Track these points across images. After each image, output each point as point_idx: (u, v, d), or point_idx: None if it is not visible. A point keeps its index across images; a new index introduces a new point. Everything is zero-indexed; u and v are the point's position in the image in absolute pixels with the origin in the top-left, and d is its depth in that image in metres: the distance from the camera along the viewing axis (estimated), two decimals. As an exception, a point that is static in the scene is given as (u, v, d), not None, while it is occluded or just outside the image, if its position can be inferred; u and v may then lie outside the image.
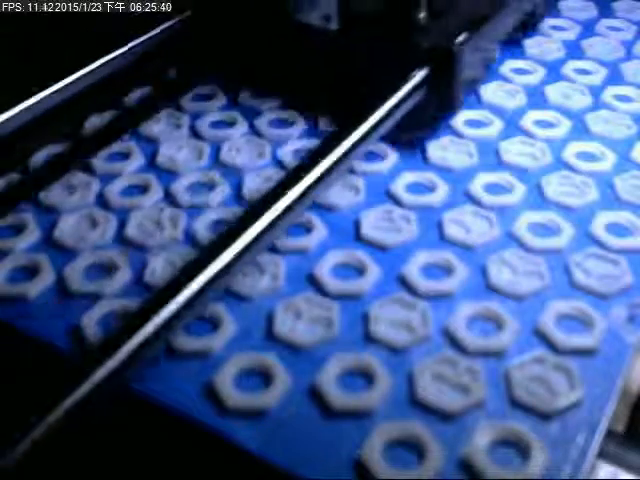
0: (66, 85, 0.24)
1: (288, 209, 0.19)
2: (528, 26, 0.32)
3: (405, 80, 0.23)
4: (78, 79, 0.24)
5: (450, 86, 0.24)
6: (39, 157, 0.25)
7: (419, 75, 0.24)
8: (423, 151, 0.25)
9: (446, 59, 0.24)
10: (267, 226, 0.18)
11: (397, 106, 0.23)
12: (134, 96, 0.28)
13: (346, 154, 0.21)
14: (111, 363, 0.15)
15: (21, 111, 0.22)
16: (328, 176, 0.20)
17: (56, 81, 0.24)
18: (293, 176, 0.20)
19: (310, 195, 0.20)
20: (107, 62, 0.25)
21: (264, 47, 0.27)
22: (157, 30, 0.27)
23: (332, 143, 0.21)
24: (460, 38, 0.24)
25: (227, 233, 0.18)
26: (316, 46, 0.26)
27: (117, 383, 0.15)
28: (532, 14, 0.31)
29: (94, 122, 0.27)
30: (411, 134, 0.25)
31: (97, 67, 0.25)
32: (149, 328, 0.16)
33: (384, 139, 0.24)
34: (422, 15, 0.24)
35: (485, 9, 0.26)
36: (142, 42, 0.26)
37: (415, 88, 0.23)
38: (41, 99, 0.23)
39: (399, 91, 0.23)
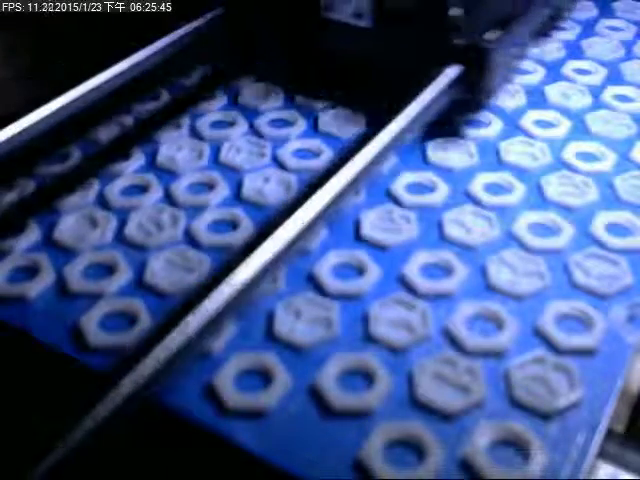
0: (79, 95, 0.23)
1: (316, 217, 0.19)
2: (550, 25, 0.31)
3: (435, 78, 0.23)
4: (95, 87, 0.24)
5: (481, 85, 0.24)
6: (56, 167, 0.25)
7: (450, 73, 0.23)
8: (423, 151, 0.25)
9: (479, 57, 0.23)
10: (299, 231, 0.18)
11: (429, 105, 0.22)
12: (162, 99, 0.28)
13: (378, 155, 0.20)
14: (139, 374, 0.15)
15: (43, 118, 0.22)
16: (359, 178, 0.20)
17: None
18: (321, 179, 0.19)
19: (339, 199, 0.19)
20: (134, 64, 0.25)
21: (295, 44, 0.27)
22: (187, 28, 0.26)
23: (361, 144, 0.20)
24: (492, 36, 0.24)
25: (255, 239, 0.18)
26: (347, 43, 0.26)
27: (144, 395, 0.15)
28: (558, 11, 0.31)
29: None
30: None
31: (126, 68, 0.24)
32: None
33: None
34: (457, 12, 0.24)
35: (514, 8, 0.26)
36: (173, 41, 0.26)
37: (446, 87, 0.23)
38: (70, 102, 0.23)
39: (429, 89, 0.23)
